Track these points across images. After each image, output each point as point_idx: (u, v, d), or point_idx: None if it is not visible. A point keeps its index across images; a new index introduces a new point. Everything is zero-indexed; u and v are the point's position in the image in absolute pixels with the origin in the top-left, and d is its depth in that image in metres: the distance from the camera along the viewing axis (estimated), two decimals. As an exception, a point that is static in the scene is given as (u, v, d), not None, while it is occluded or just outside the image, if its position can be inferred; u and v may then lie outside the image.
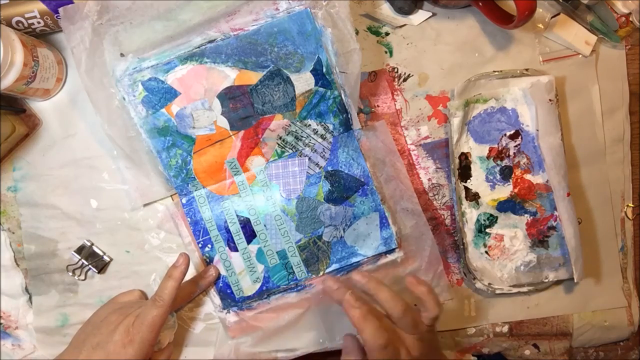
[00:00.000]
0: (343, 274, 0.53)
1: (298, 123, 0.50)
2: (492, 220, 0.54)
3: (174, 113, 0.49)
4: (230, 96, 0.49)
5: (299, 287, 0.53)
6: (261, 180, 0.51)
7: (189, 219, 0.52)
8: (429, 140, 0.54)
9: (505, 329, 0.57)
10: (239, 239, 0.52)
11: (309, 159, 0.51)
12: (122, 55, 0.48)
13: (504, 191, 0.54)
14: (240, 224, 0.52)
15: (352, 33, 0.47)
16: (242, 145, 0.51)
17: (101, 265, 0.53)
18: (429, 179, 0.55)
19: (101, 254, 0.53)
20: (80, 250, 0.53)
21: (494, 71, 0.53)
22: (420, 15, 0.53)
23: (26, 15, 0.47)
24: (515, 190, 0.54)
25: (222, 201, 0.51)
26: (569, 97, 0.55)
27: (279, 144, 0.51)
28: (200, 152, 0.50)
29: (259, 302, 0.53)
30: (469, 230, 0.53)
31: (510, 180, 0.54)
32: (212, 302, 0.53)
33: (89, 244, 0.53)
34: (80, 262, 0.52)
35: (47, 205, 0.52)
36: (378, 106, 0.54)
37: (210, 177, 0.51)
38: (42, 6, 0.46)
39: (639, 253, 0.58)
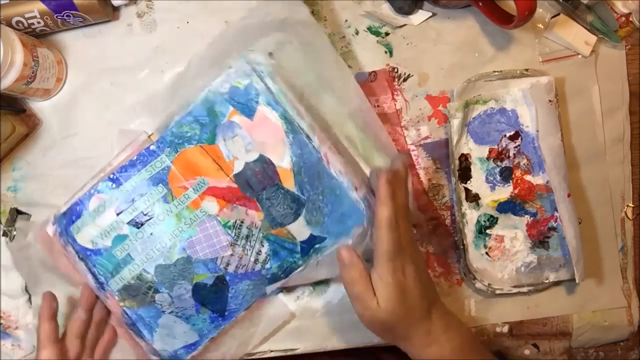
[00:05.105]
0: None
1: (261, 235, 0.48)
2: (492, 221, 0.54)
3: None
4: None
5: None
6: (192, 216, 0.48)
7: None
8: (429, 141, 0.54)
9: (505, 329, 0.57)
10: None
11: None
12: None
13: (504, 192, 0.54)
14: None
15: None
16: (225, 191, 0.48)
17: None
18: (429, 179, 0.55)
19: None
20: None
21: (494, 71, 0.53)
22: (420, 15, 0.53)
23: (26, 15, 0.47)
24: (516, 191, 0.54)
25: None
26: (569, 98, 0.55)
27: (233, 225, 0.48)
28: (192, 150, 0.48)
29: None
30: (470, 232, 0.53)
31: (511, 181, 0.54)
32: None
33: None
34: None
35: (47, 205, 0.52)
36: (378, 106, 0.54)
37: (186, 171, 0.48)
38: (42, 6, 0.46)
39: (639, 253, 0.58)
